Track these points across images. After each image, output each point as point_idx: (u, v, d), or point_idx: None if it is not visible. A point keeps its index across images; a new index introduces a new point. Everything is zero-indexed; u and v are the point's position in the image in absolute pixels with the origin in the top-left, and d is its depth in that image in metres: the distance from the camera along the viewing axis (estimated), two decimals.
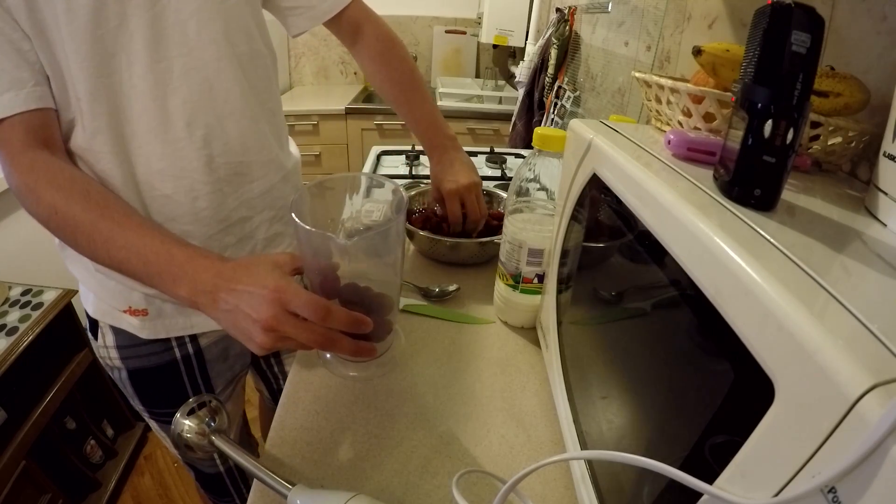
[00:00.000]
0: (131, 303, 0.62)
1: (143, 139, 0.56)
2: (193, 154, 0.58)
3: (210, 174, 0.60)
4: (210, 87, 0.58)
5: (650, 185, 0.34)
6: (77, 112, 0.53)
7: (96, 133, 0.54)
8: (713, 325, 0.25)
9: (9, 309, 1.15)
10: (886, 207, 0.32)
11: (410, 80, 0.81)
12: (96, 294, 0.64)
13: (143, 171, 0.57)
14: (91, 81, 0.52)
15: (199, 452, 0.45)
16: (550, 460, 0.32)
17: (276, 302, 0.41)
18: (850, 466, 0.16)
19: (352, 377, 0.59)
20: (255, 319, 0.41)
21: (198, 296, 0.44)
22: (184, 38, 0.55)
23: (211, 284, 0.43)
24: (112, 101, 0.54)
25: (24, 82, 0.49)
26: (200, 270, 0.44)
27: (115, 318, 0.64)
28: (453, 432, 0.52)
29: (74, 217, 0.48)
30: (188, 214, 0.60)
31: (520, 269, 0.63)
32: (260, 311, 0.41)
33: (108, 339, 0.66)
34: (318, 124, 2.19)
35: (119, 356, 0.67)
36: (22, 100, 0.49)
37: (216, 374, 0.73)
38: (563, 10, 1.53)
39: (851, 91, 0.42)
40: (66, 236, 0.50)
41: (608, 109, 1.25)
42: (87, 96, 0.52)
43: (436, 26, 2.60)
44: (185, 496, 1.41)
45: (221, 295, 0.43)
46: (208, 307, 0.44)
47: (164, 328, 0.65)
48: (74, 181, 0.50)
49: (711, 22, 0.79)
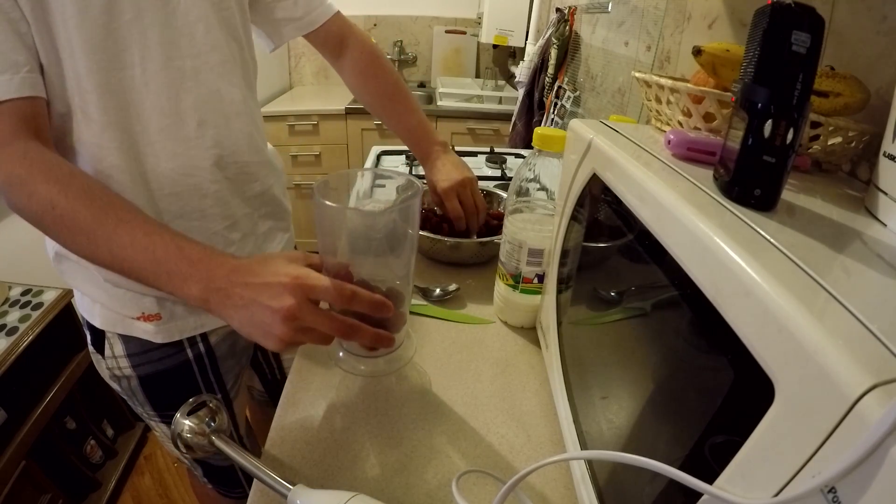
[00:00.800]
0: (144, 308, 0.61)
1: (155, 136, 0.56)
2: (204, 153, 0.59)
3: (218, 173, 0.61)
4: (218, 89, 0.60)
5: (650, 185, 0.34)
6: (80, 105, 0.52)
7: (105, 128, 0.53)
8: (713, 325, 0.25)
9: (9, 309, 1.15)
10: (886, 207, 0.32)
11: (397, 91, 0.82)
12: (104, 304, 0.61)
13: (153, 168, 0.57)
14: (102, 74, 0.51)
15: (199, 453, 0.45)
16: (550, 460, 0.32)
17: (298, 289, 0.40)
18: (850, 466, 0.16)
19: (362, 372, 0.59)
20: (276, 309, 0.39)
21: (210, 293, 0.42)
22: (192, 41, 0.56)
23: (225, 281, 0.42)
24: (123, 97, 0.53)
25: (20, 66, 0.47)
26: (214, 267, 0.43)
27: (127, 327, 0.63)
28: (453, 432, 0.52)
29: (75, 213, 0.45)
30: (196, 211, 0.61)
31: (520, 269, 0.63)
32: (281, 300, 0.39)
33: (118, 348, 0.64)
34: (318, 124, 2.19)
35: (130, 364, 0.65)
36: (16, 85, 0.47)
37: (226, 371, 0.73)
38: (563, 10, 1.53)
39: (851, 91, 0.42)
40: (61, 233, 0.47)
41: (608, 109, 1.25)
42: (97, 89, 0.51)
43: (436, 26, 2.60)
44: (185, 496, 1.41)
45: (237, 290, 0.41)
46: (220, 305, 0.42)
47: (178, 330, 0.65)
48: (74, 175, 0.47)
49: (711, 22, 0.79)
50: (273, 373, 0.88)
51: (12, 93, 0.46)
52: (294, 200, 2.36)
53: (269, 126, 2.15)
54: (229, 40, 0.61)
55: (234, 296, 0.41)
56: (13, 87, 0.46)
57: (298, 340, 0.41)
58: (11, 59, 0.46)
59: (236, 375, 0.77)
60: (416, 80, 2.73)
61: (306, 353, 0.63)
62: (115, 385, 0.69)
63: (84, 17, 0.48)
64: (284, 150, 2.21)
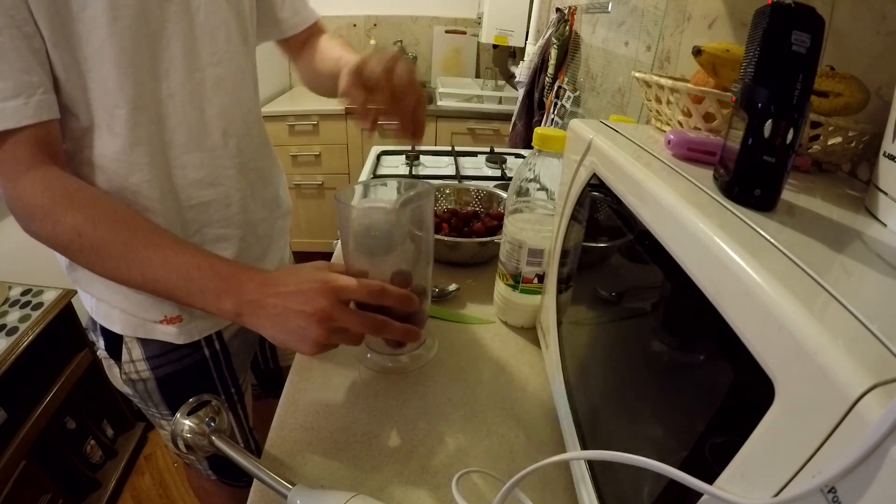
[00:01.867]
0: (166, 312, 0.61)
1: (183, 149, 0.56)
2: (229, 162, 0.60)
3: (242, 180, 0.62)
4: (237, 96, 0.60)
5: (650, 185, 0.34)
6: (105, 120, 0.50)
7: (136, 144, 0.52)
8: (713, 325, 0.25)
9: (9, 309, 1.15)
10: (886, 207, 0.32)
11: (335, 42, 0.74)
12: (124, 309, 0.61)
13: (181, 181, 0.57)
14: (136, 89, 0.50)
15: (199, 452, 0.45)
16: (550, 460, 0.32)
17: (330, 292, 0.42)
18: (850, 466, 0.16)
19: (390, 369, 0.60)
20: (310, 313, 0.42)
21: (243, 306, 0.44)
22: (214, 47, 0.56)
23: (258, 292, 0.44)
24: (155, 110, 0.53)
25: (34, 88, 0.45)
26: (244, 281, 0.45)
27: (148, 331, 0.62)
28: (453, 432, 0.52)
29: (102, 239, 0.46)
30: (222, 220, 0.62)
31: (520, 269, 0.63)
32: (314, 303, 0.42)
33: (136, 352, 0.64)
34: (318, 124, 2.19)
35: (149, 367, 0.65)
36: (32, 109, 0.44)
37: (238, 366, 0.73)
38: (563, 10, 1.53)
39: (851, 91, 0.42)
40: (90, 259, 0.47)
41: (608, 109, 1.25)
42: (129, 104, 0.50)
43: (436, 26, 2.60)
44: (184, 496, 1.41)
45: (269, 300, 0.43)
46: (254, 316, 0.44)
47: (198, 330, 0.65)
48: (98, 201, 0.47)
49: (711, 22, 0.79)
50: (267, 364, 0.89)
51: (29, 118, 0.45)
52: (294, 200, 2.36)
53: (270, 126, 2.10)
54: (245, 45, 0.61)
55: (268, 306, 0.43)
56: (29, 113, 0.44)
57: (332, 342, 0.43)
58: (25, 80, 0.44)
59: (245, 371, 0.78)
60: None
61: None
62: (128, 389, 0.68)
63: (116, 28, 0.47)
64: (284, 150, 2.21)
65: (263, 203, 0.68)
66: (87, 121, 0.51)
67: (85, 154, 0.52)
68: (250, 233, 0.66)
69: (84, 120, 0.50)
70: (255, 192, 0.66)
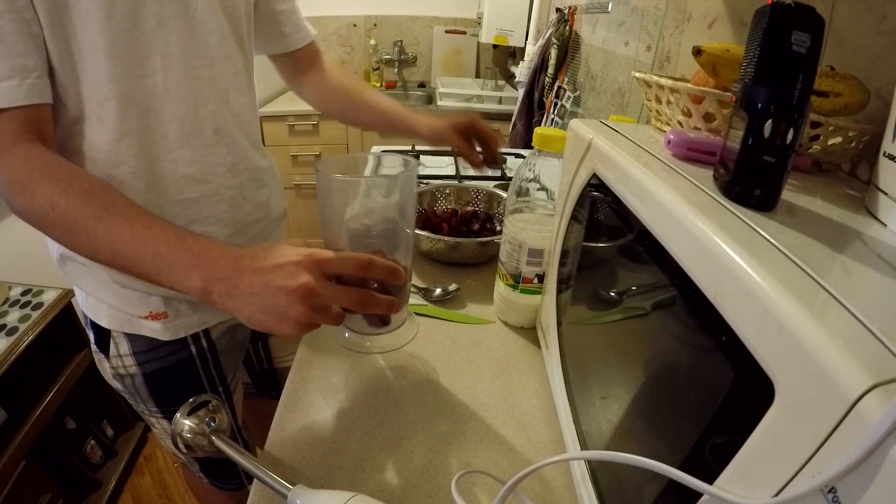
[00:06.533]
0: (151, 308, 0.62)
1: (174, 144, 0.57)
2: (219, 160, 0.61)
3: (232, 179, 0.63)
4: (231, 98, 0.61)
5: (650, 185, 0.34)
6: (96, 111, 0.51)
7: (124, 136, 0.53)
8: (713, 325, 0.25)
9: (9, 309, 1.15)
10: (886, 207, 0.32)
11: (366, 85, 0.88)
12: (111, 304, 0.62)
13: (170, 175, 0.57)
14: (125, 82, 0.51)
15: (199, 452, 0.45)
16: (550, 460, 0.32)
17: (313, 265, 0.39)
18: (850, 466, 0.16)
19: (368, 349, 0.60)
20: (292, 289, 0.38)
21: (213, 284, 0.40)
22: (206, 50, 0.57)
23: (230, 270, 0.40)
24: (144, 104, 0.53)
25: (29, 71, 0.45)
26: (217, 257, 0.41)
27: (134, 326, 0.63)
28: (453, 432, 0.52)
29: (75, 212, 0.44)
30: (210, 217, 0.62)
31: (520, 269, 0.63)
32: (296, 278, 0.38)
33: (123, 347, 0.65)
34: (318, 124, 2.19)
35: (136, 362, 0.66)
36: (24, 92, 0.45)
37: (226, 364, 0.74)
38: (563, 10, 1.53)
39: (851, 91, 0.41)
40: (62, 233, 0.46)
41: (608, 109, 1.25)
42: (118, 97, 0.51)
43: (436, 26, 2.60)
44: (184, 496, 1.41)
45: (244, 277, 0.40)
46: (226, 296, 0.40)
47: (184, 327, 0.66)
48: (75, 175, 0.47)
49: (711, 22, 0.79)
50: (262, 364, 0.89)
51: (20, 100, 0.45)
52: (294, 200, 2.37)
53: (269, 126, 2.14)
54: (239, 50, 0.63)
55: (243, 283, 0.40)
56: (21, 94, 0.45)
57: (314, 321, 0.40)
58: (21, 63, 0.45)
59: (235, 369, 0.78)
60: (416, 80, 2.73)
61: (308, 342, 0.64)
62: (116, 384, 0.69)
63: (110, 23, 0.48)
64: (284, 150, 2.21)
65: (256, 205, 0.69)
66: (78, 111, 0.51)
67: (75, 143, 0.53)
68: (240, 233, 0.66)
69: (74, 109, 0.51)
70: (247, 193, 0.66)
